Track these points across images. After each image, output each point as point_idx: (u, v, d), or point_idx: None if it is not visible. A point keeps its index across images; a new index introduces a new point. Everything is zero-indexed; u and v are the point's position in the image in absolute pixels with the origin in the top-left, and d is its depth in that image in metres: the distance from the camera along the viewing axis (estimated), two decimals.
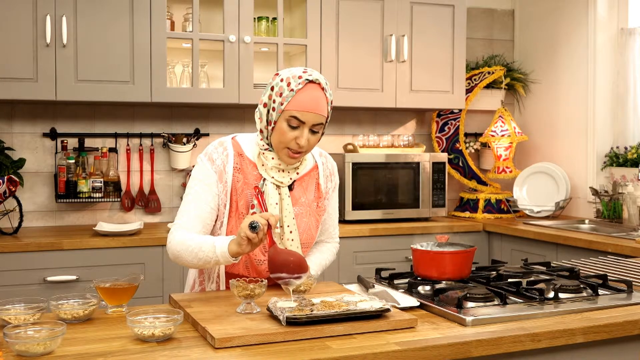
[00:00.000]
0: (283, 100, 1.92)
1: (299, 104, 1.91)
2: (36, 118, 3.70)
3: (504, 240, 3.91)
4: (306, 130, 1.93)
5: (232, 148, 2.04)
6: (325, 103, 1.95)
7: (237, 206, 2.01)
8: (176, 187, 3.96)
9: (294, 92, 1.91)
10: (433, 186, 4.03)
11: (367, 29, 3.93)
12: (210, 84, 3.87)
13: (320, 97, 1.94)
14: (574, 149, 4.31)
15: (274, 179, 2.01)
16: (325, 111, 1.95)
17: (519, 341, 1.61)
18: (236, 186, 2.01)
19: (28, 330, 1.49)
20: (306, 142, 1.94)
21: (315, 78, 1.94)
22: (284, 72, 1.98)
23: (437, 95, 4.11)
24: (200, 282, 2.13)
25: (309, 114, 1.92)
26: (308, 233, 2.08)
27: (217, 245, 1.87)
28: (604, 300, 1.91)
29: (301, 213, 2.07)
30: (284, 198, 2.02)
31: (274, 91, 1.96)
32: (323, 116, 1.95)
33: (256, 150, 2.03)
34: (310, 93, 1.92)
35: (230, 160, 2.01)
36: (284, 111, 1.92)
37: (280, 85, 1.94)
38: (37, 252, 3.15)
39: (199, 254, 1.91)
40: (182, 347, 1.50)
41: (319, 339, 1.55)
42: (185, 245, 1.95)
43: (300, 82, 1.92)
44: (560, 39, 4.40)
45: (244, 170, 2.03)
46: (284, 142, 1.95)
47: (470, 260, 2.05)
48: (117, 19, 3.45)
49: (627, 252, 3.06)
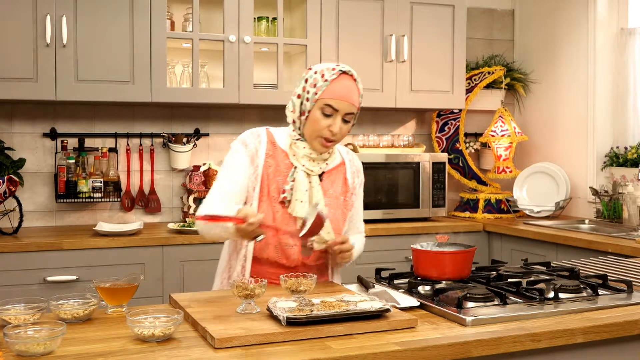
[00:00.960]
0: (317, 90, 2.04)
1: (333, 93, 2.03)
2: (36, 118, 3.70)
3: (504, 240, 3.91)
4: (339, 118, 2.04)
5: (266, 136, 2.14)
6: (357, 94, 2.07)
7: (268, 190, 2.09)
8: (176, 187, 3.96)
9: (328, 82, 2.03)
10: (433, 186, 4.03)
11: (367, 29, 3.93)
12: (210, 84, 3.87)
13: (352, 87, 2.06)
14: (574, 149, 4.31)
15: (304, 167, 2.10)
16: (357, 101, 2.07)
17: (519, 341, 1.61)
18: (268, 171, 2.10)
19: (28, 330, 1.49)
20: (339, 130, 2.04)
21: (348, 69, 2.07)
22: (317, 66, 2.11)
23: (437, 95, 4.11)
24: (229, 271, 2.17)
25: (343, 103, 2.03)
26: (335, 224, 2.14)
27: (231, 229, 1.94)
28: (604, 300, 1.91)
29: (329, 204, 2.15)
30: (314, 186, 2.10)
31: (307, 83, 2.08)
32: (355, 106, 2.06)
33: (288, 141, 2.13)
34: (344, 83, 2.04)
35: (262, 146, 2.11)
36: (319, 100, 2.04)
37: (315, 77, 2.06)
38: (37, 252, 3.15)
39: (224, 232, 1.99)
40: (182, 347, 1.50)
41: (319, 339, 1.55)
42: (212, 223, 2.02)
43: (334, 73, 2.04)
44: (560, 39, 4.40)
45: (275, 157, 2.12)
46: (317, 130, 2.05)
47: (470, 260, 2.05)
48: (117, 19, 3.45)
49: (627, 252, 3.06)
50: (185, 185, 3.90)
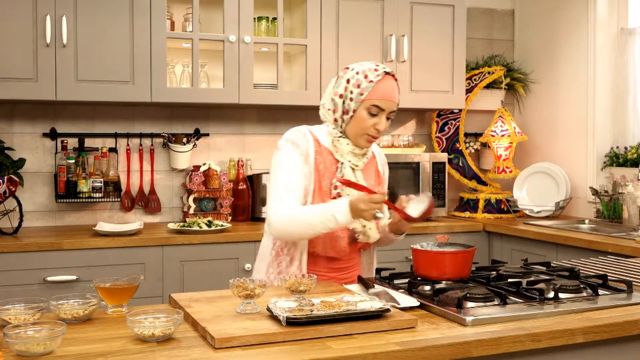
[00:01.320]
0: (362, 90, 2.13)
1: (380, 94, 2.13)
2: (36, 118, 3.70)
3: (504, 240, 3.91)
4: (384, 117, 2.15)
5: (311, 135, 2.21)
6: (398, 92, 2.20)
7: (320, 186, 2.18)
8: (176, 187, 3.96)
9: (373, 83, 2.12)
10: (433, 186, 4.03)
11: (367, 29, 3.93)
12: (210, 84, 3.87)
13: (395, 86, 2.18)
14: (574, 149, 4.31)
15: (350, 162, 2.19)
16: (398, 99, 2.20)
17: (519, 341, 1.61)
18: (318, 167, 2.18)
19: (28, 330, 1.49)
20: (384, 127, 2.16)
21: (390, 70, 2.18)
22: (356, 66, 2.19)
23: (437, 95, 4.11)
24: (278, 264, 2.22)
25: (388, 102, 2.14)
26: None
27: (338, 215, 2.02)
28: (604, 300, 1.91)
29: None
30: (359, 180, 2.20)
31: (350, 83, 2.15)
32: (397, 104, 2.19)
33: (328, 139, 2.21)
34: (388, 83, 2.15)
35: (311, 145, 2.19)
36: (365, 100, 2.13)
37: (357, 78, 2.14)
38: (37, 252, 3.15)
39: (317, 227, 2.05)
40: (182, 347, 1.50)
41: (319, 339, 1.55)
42: (299, 221, 2.08)
43: (378, 74, 2.14)
44: (560, 39, 4.40)
45: (322, 154, 2.20)
46: (364, 128, 2.15)
47: (470, 260, 2.05)
48: (117, 19, 3.45)
49: (627, 252, 3.06)
50: (185, 185, 3.90)
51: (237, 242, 3.46)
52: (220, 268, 3.42)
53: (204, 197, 3.85)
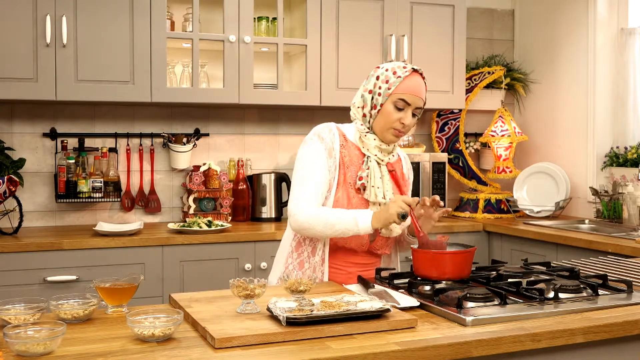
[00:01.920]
0: (390, 85, 2.19)
1: (407, 88, 2.18)
2: (36, 118, 3.70)
3: (504, 240, 3.91)
4: (410, 111, 2.20)
5: (337, 130, 2.27)
6: (425, 90, 2.24)
7: (344, 178, 2.22)
8: (176, 187, 3.96)
9: (401, 78, 2.18)
10: (433, 186, 4.03)
11: (367, 29, 3.93)
12: (210, 84, 3.87)
13: (422, 84, 2.23)
14: (574, 149, 4.31)
15: (376, 156, 2.24)
16: (424, 96, 2.24)
17: (519, 341, 1.61)
18: (344, 160, 2.23)
19: (28, 330, 1.49)
20: (410, 122, 2.21)
21: (418, 68, 2.23)
22: (386, 64, 2.26)
23: (437, 95, 4.11)
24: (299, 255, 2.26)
25: (415, 97, 2.19)
26: None
27: (360, 222, 2.10)
28: (604, 300, 1.91)
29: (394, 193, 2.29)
30: (384, 175, 2.25)
31: (379, 80, 2.22)
32: (423, 100, 2.23)
33: (356, 135, 2.27)
34: (415, 79, 2.21)
35: (337, 139, 2.24)
36: (392, 94, 2.18)
37: (386, 74, 2.21)
38: (37, 252, 3.15)
39: (336, 226, 2.11)
40: (182, 347, 1.50)
41: (319, 339, 1.55)
42: (319, 218, 2.13)
43: (406, 70, 2.20)
44: (560, 39, 4.40)
45: (348, 149, 2.25)
46: (390, 122, 2.20)
47: (470, 260, 2.05)
48: (117, 19, 3.45)
49: (627, 252, 3.06)
50: (185, 185, 3.90)
51: (237, 242, 3.46)
52: (220, 268, 3.42)
53: (204, 197, 3.85)
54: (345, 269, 2.26)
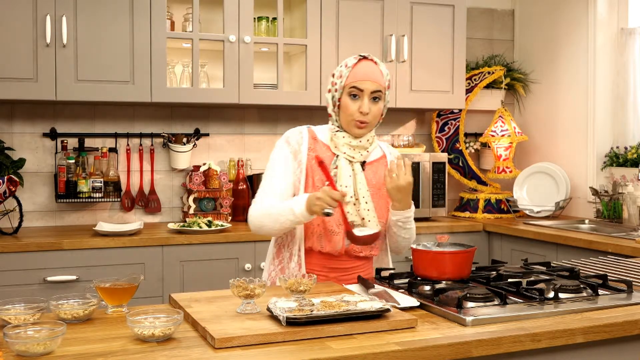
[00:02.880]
0: (342, 78, 2.17)
1: (356, 75, 2.16)
2: (36, 118, 3.70)
3: (504, 240, 3.91)
4: (366, 98, 2.16)
5: (307, 133, 2.26)
6: (379, 74, 2.18)
7: (313, 181, 2.20)
8: (176, 187, 3.96)
9: (349, 67, 2.17)
10: (433, 186, 4.03)
11: (367, 29, 3.93)
12: (210, 84, 3.87)
13: (374, 68, 2.18)
14: (574, 149, 4.31)
15: (345, 154, 2.20)
16: (380, 80, 2.18)
17: (519, 341, 1.61)
18: (311, 163, 2.21)
19: (28, 330, 1.49)
20: (368, 109, 2.16)
21: (367, 54, 2.20)
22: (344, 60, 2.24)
23: (437, 95, 4.11)
24: (280, 262, 2.25)
25: (366, 82, 2.15)
26: (379, 212, 2.23)
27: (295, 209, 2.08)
28: (604, 300, 1.91)
29: (373, 194, 2.23)
30: (357, 173, 2.20)
31: (334, 76, 2.21)
32: (379, 84, 2.17)
33: (329, 135, 2.25)
34: (365, 65, 2.18)
35: (304, 142, 2.23)
36: (345, 86, 2.17)
37: (340, 70, 2.21)
38: (37, 252, 3.15)
39: (280, 218, 2.11)
40: (182, 347, 1.50)
41: (319, 339, 1.55)
42: (266, 215, 2.15)
43: (354, 59, 2.18)
44: (560, 39, 4.40)
45: (317, 151, 2.23)
46: (350, 114, 2.17)
47: (470, 260, 2.05)
48: (117, 19, 3.45)
49: (627, 252, 3.06)
50: (185, 185, 3.90)
51: (237, 242, 3.46)
52: (220, 268, 3.42)
53: (204, 197, 3.85)
54: (324, 274, 2.21)
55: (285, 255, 2.24)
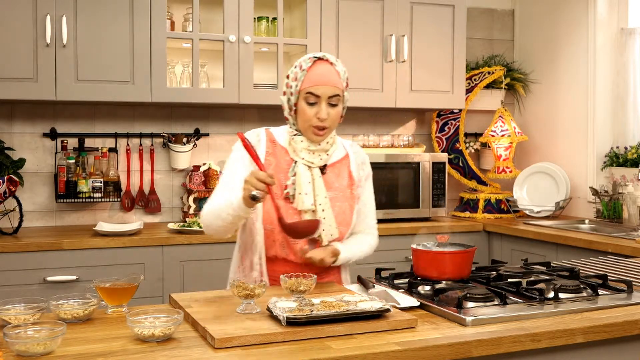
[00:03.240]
0: (298, 82, 2.09)
1: (311, 80, 2.07)
2: (36, 118, 3.70)
3: (504, 240, 3.91)
4: (324, 104, 2.06)
5: (265, 135, 2.18)
6: (336, 76, 2.09)
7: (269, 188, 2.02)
8: (176, 187, 3.96)
9: (305, 71, 2.08)
10: (433, 186, 4.03)
11: (367, 29, 3.93)
12: (210, 84, 3.87)
13: (330, 70, 2.09)
14: (574, 149, 4.31)
15: (304, 159, 2.12)
16: (337, 83, 2.08)
17: (519, 341, 1.61)
18: (268, 169, 2.10)
19: (28, 330, 1.49)
20: (326, 115, 2.06)
21: (322, 55, 2.10)
22: (298, 60, 2.15)
23: (437, 95, 4.11)
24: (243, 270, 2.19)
25: (322, 87, 2.06)
26: (343, 216, 2.16)
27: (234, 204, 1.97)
28: (604, 300, 1.91)
29: (336, 197, 2.16)
30: (315, 178, 2.12)
31: (289, 78, 2.13)
32: (336, 87, 2.08)
33: (287, 138, 2.16)
34: (320, 68, 2.08)
35: (262, 145, 2.15)
36: (300, 91, 2.08)
37: (294, 71, 2.12)
38: (37, 252, 3.15)
39: (222, 214, 2.02)
40: (182, 347, 1.50)
41: (319, 339, 1.55)
42: (211, 212, 2.07)
43: (309, 61, 2.09)
44: (560, 39, 4.40)
45: (276, 155, 2.15)
46: (306, 120, 2.08)
47: (470, 260, 2.05)
48: (117, 19, 3.45)
49: (627, 252, 3.06)
50: (185, 185, 3.90)
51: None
52: (220, 268, 3.41)
53: (204, 197, 3.85)
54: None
55: (246, 265, 2.18)
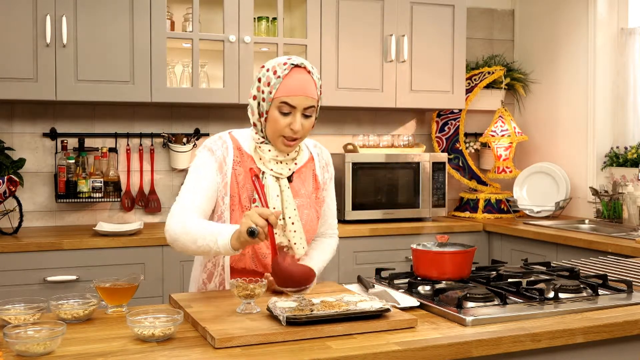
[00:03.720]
0: (271, 88, 1.93)
1: (287, 89, 1.92)
2: (36, 118, 3.70)
3: (504, 240, 3.91)
4: (298, 115, 1.94)
5: (231, 142, 2.03)
6: (313, 86, 1.96)
7: (239, 199, 1.99)
8: (176, 187, 3.96)
9: (280, 78, 1.93)
10: (433, 186, 4.03)
11: (367, 29, 3.93)
12: (210, 84, 3.87)
13: (307, 80, 1.95)
14: (574, 149, 4.31)
15: (272, 171, 2.00)
16: (314, 94, 1.96)
17: (519, 341, 1.61)
18: (237, 179, 2.00)
19: (28, 330, 1.49)
20: (300, 127, 1.94)
21: (300, 62, 1.95)
22: (269, 62, 1.99)
23: (437, 95, 4.11)
24: (209, 276, 2.08)
25: (299, 98, 1.93)
26: (310, 225, 2.09)
27: (220, 238, 1.80)
28: (604, 300, 1.91)
29: (302, 205, 2.07)
30: (284, 190, 2.01)
31: (261, 82, 1.97)
32: (313, 99, 1.95)
33: (252, 145, 2.03)
34: (297, 77, 1.94)
35: (230, 153, 2.01)
36: (274, 99, 1.93)
37: (267, 75, 1.96)
38: (37, 252, 3.15)
39: (198, 241, 1.85)
40: (182, 347, 1.50)
41: (319, 339, 1.55)
42: (185, 230, 1.88)
43: (285, 68, 1.93)
44: (560, 39, 4.40)
45: (243, 164, 2.02)
46: (278, 130, 1.95)
47: (470, 260, 2.05)
48: (117, 19, 3.45)
49: (627, 252, 3.06)
50: None
51: None
52: None
53: None
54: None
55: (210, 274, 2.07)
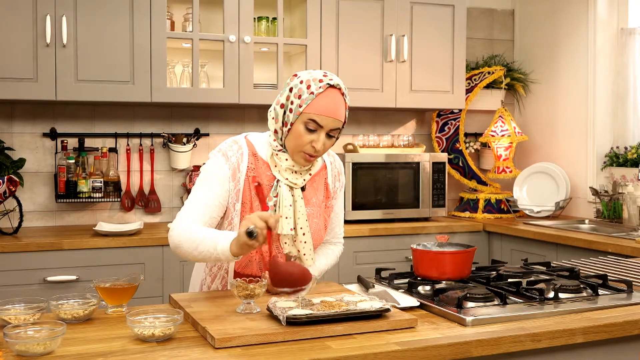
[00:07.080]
0: (302, 102, 1.91)
1: (319, 108, 1.90)
2: (36, 118, 3.70)
3: (504, 240, 3.91)
4: (323, 134, 1.92)
5: (247, 148, 2.01)
6: (344, 108, 1.95)
7: (251, 205, 1.98)
8: (176, 187, 3.96)
9: (314, 95, 1.90)
10: (433, 186, 4.03)
11: (367, 29, 3.93)
12: (210, 84, 3.87)
13: (340, 102, 1.93)
14: (574, 149, 4.31)
15: (287, 180, 1.99)
16: (343, 116, 1.94)
17: (519, 341, 1.61)
18: (250, 186, 1.98)
19: (28, 330, 1.49)
20: (322, 147, 1.93)
21: (336, 83, 1.93)
22: (304, 74, 1.96)
23: (437, 95, 4.11)
24: (212, 279, 2.09)
25: (328, 119, 1.91)
26: (318, 234, 2.09)
27: (219, 243, 1.81)
28: (604, 300, 1.91)
29: (312, 213, 2.06)
30: (297, 200, 1.99)
31: (292, 92, 1.94)
32: (341, 121, 1.94)
33: (269, 151, 2.01)
34: (331, 97, 1.91)
35: (245, 160, 1.99)
36: (302, 113, 1.91)
37: (300, 87, 1.92)
38: (37, 252, 3.15)
39: (199, 247, 1.86)
40: (182, 347, 1.50)
41: (319, 339, 1.55)
42: (187, 236, 1.90)
43: (321, 86, 1.90)
44: (560, 39, 4.40)
45: (258, 170, 2.00)
46: (300, 145, 1.93)
47: (470, 260, 2.05)
48: (117, 19, 3.45)
49: (627, 252, 3.06)
50: (185, 185, 3.90)
51: None
52: None
53: None
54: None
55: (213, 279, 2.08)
